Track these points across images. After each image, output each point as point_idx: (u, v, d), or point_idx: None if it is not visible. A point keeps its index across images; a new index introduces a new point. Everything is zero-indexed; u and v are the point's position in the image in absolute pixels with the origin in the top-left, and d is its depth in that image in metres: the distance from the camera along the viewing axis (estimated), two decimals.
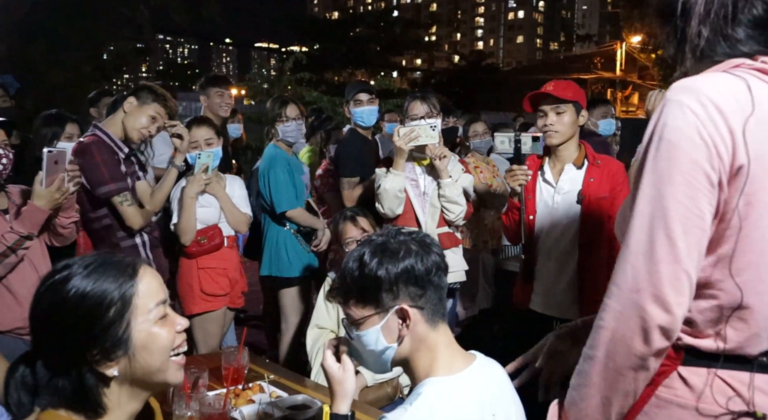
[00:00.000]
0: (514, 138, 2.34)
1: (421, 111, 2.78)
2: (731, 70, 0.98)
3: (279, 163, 3.08)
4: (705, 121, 0.92)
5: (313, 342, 2.47)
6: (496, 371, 1.34)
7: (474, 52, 58.76)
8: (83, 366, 1.00)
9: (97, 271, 1.02)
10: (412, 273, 1.24)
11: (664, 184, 0.93)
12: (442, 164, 2.70)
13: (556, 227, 2.38)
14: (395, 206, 2.71)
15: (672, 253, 0.92)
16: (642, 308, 0.93)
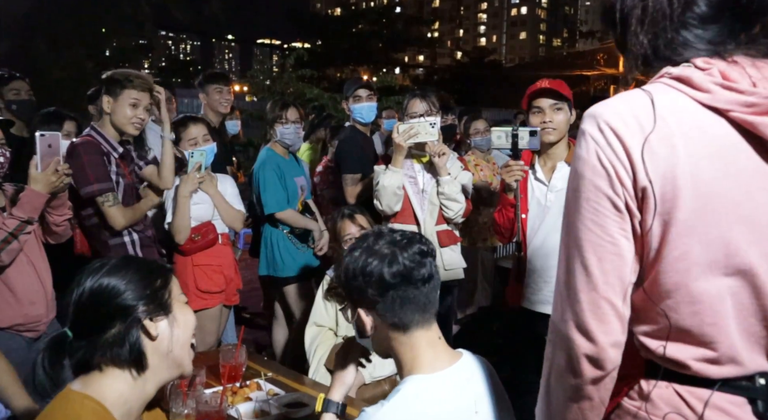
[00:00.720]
0: (511, 133, 2.31)
1: (420, 109, 2.78)
2: (651, 82, 0.96)
3: (269, 165, 3.09)
4: (604, 146, 0.91)
5: (311, 340, 2.47)
6: (482, 369, 1.34)
7: (476, 48, 58.67)
8: (134, 320, 1.13)
9: (138, 259, 1.23)
10: (372, 278, 1.25)
11: (573, 214, 0.95)
12: (441, 162, 2.70)
13: (550, 225, 2.37)
14: (393, 203, 2.72)
15: (589, 282, 0.92)
16: (568, 337, 0.94)
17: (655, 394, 0.95)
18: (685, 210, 0.89)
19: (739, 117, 0.88)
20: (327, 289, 2.53)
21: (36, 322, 2.22)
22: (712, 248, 0.89)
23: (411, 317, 1.27)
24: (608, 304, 0.92)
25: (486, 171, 3.94)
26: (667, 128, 0.89)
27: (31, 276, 2.22)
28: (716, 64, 0.92)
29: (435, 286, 1.29)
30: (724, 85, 0.89)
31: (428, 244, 1.31)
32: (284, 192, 3.08)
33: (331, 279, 2.54)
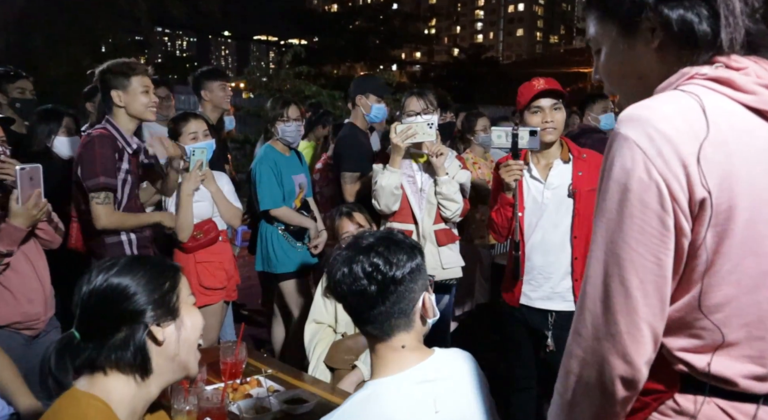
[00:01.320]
0: (512, 132, 2.31)
1: (417, 107, 2.78)
2: (684, 83, 0.89)
3: (265, 162, 3.09)
4: (654, 157, 0.83)
5: (310, 337, 2.49)
6: (454, 366, 1.33)
7: (473, 45, 58.62)
8: (141, 325, 1.12)
9: (145, 258, 1.21)
10: (331, 279, 1.29)
11: (615, 231, 0.87)
12: (439, 162, 2.70)
13: (548, 222, 2.38)
14: (391, 203, 2.72)
15: (629, 304, 0.87)
16: (603, 358, 0.89)
17: (699, 411, 0.91)
18: (741, 220, 0.85)
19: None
20: (326, 286, 2.54)
21: (35, 320, 2.23)
22: (765, 259, 0.87)
23: (365, 329, 1.29)
24: (647, 326, 0.87)
25: (484, 169, 3.94)
26: (721, 134, 0.84)
27: (30, 274, 2.22)
28: (750, 65, 0.89)
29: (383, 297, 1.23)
30: None
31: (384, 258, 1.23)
32: (280, 189, 3.08)
33: None
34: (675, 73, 0.92)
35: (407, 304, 1.25)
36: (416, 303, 1.27)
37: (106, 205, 2.46)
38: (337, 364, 2.38)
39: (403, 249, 1.26)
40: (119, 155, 2.54)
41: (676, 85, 0.90)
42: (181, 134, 2.80)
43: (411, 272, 1.24)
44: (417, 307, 1.28)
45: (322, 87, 10.84)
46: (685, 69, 0.90)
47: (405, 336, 1.27)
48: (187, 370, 1.21)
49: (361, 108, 3.31)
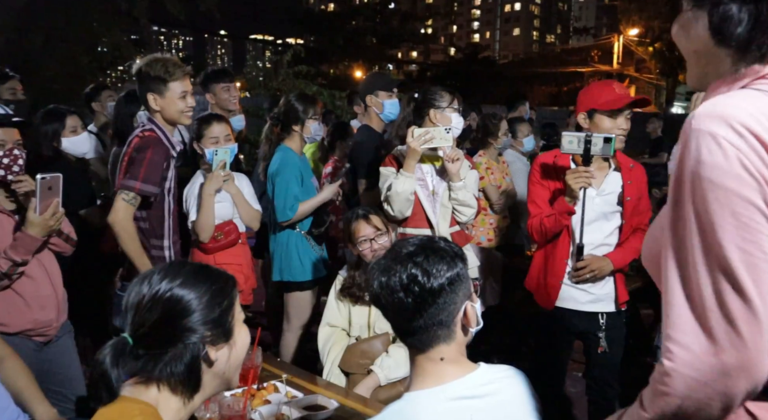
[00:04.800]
0: (585, 138, 2.25)
1: (448, 101, 2.74)
2: (755, 83, 0.88)
3: (290, 169, 2.96)
4: (748, 152, 0.81)
5: (324, 340, 2.46)
6: (500, 385, 1.25)
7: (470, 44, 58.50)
8: (198, 344, 1.11)
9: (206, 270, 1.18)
10: (370, 289, 1.27)
11: (717, 232, 0.82)
12: (454, 168, 2.65)
13: (596, 228, 2.41)
14: (405, 209, 2.68)
15: (748, 309, 0.81)
16: (728, 376, 0.82)
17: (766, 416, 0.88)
18: None
19: None
20: (340, 290, 2.52)
21: (46, 326, 2.20)
22: None
23: (406, 340, 1.26)
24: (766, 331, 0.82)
25: (496, 174, 3.92)
26: None
27: (43, 279, 2.19)
28: None
29: (421, 309, 1.19)
30: None
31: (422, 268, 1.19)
32: (296, 195, 2.98)
33: (344, 279, 2.53)
34: (727, 64, 0.90)
35: (447, 316, 1.21)
36: (458, 313, 1.23)
37: (130, 205, 2.42)
38: (352, 369, 2.35)
39: (443, 258, 1.21)
40: (167, 163, 2.50)
41: (748, 84, 0.88)
42: (203, 137, 2.76)
43: (451, 283, 1.20)
44: (458, 317, 1.24)
45: (321, 87, 10.80)
46: (757, 67, 0.89)
47: (444, 348, 1.23)
48: (230, 384, 1.20)
49: (373, 108, 3.27)
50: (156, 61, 2.47)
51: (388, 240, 2.42)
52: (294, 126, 3.04)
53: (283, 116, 3.07)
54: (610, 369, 2.52)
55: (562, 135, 2.32)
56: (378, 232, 2.40)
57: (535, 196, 2.51)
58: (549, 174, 2.49)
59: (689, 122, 0.87)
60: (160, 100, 2.47)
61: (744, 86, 0.89)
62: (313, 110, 3.05)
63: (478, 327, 1.27)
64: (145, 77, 2.46)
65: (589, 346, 2.52)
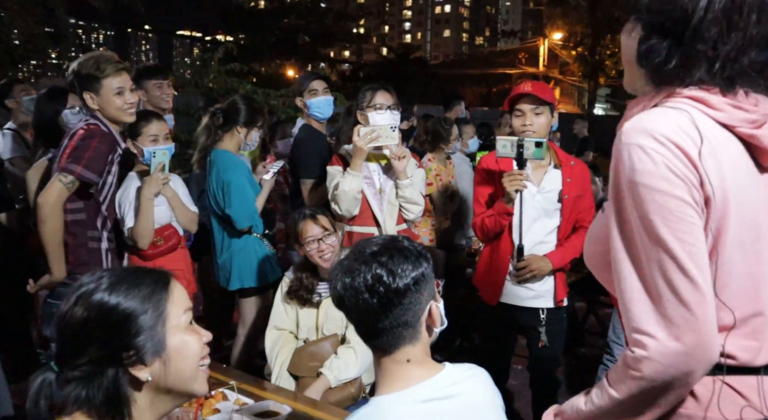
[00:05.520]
0: (517, 143, 2.31)
1: (388, 100, 2.71)
2: (666, 101, 0.99)
3: (241, 172, 2.85)
4: (671, 158, 0.92)
5: (272, 344, 2.40)
6: (466, 384, 1.24)
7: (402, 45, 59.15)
8: (118, 367, 1.00)
9: (131, 278, 1.04)
10: (333, 291, 1.23)
11: (658, 228, 0.92)
12: (401, 165, 2.65)
13: (538, 225, 2.47)
14: (353, 207, 2.66)
15: (698, 293, 0.91)
16: (689, 356, 0.91)
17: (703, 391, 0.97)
18: (732, 219, 0.95)
19: (744, 132, 0.98)
20: (286, 292, 2.47)
21: None
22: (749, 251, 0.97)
23: (371, 343, 1.23)
24: (714, 308, 0.93)
25: (444, 178, 3.95)
26: (710, 143, 0.94)
27: None
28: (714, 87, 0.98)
29: (387, 310, 1.16)
30: (733, 105, 0.98)
31: (386, 268, 1.17)
32: (254, 199, 2.89)
33: (290, 281, 2.48)
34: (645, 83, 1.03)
35: (413, 316, 1.20)
36: (423, 314, 1.22)
37: (66, 189, 2.26)
38: (301, 372, 2.31)
39: (407, 258, 1.19)
40: (112, 157, 2.36)
41: (660, 102, 1.00)
42: (140, 135, 2.60)
43: (416, 283, 1.18)
44: (423, 317, 1.22)
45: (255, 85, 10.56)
46: (668, 88, 1.00)
47: (410, 349, 1.21)
48: (191, 395, 1.10)
49: (304, 110, 3.27)
50: (88, 58, 2.36)
51: (336, 240, 2.39)
52: (238, 127, 2.94)
53: (227, 113, 2.96)
54: (551, 362, 2.60)
55: (496, 140, 2.38)
56: (325, 232, 2.36)
57: (479, 196, 2.56)
58: (491, 174, 2.54)
59: (619, 138, 0.98)
60: (96, 98, 2.35)
61: (656, 104, 1.00)
62: (260, 119, 2.98)
63: (442, 327, 1.26)
64: (78, 76, 2.34)
65: (530, 340, 2.59)
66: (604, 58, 27.24)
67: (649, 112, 0.99)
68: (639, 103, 1.04)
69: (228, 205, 2.83)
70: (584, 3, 27.19)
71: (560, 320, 2.56)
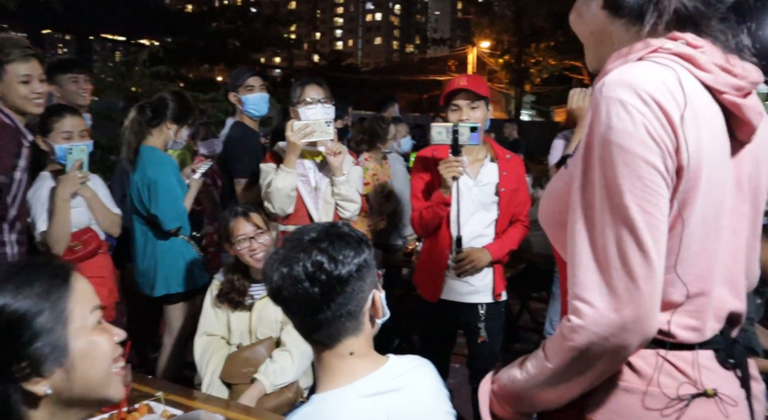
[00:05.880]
0: (452, 128, 2.29)
1: (318, 94, 2.62)
2: (651, 56, 0.92)
3: (169, 170, 2.70)
4: (652, 120, 0.85)
5: (202, 351, 2.27)
6: (411, 376, 1.19)
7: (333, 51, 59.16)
8: (7, 384, 0.83)
9: (20, 274, 0.87)
10: (269, 283, 1.14)
11: (624, 195, 0.85)
12: (337, 161, 2.58)
13: (476, 219, 2.45)
14: (287, 205, 2.56)
15: (648, 267, 0.86)
16: (625, 330, 0.87)
17: (644, 365, 0.95)
18: (701, 190, 0.89)
19: (729, 99, 0.92)
20: (216, 295, 2.34)
21: None
22: (711, 227, 0.92)
23: (311, 337, 1.16)
24: (662, 285, 0.88)
25: (381, 177, 3.91)
26: (693, 107, 0.88)
27: None
28: (705, 44, 0.93)
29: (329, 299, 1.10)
30: (722, 67, 0.91)
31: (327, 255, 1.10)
32: (182, 202, 2.75)
33: (220, 283, 2.36)
34: (623, 40, 0.96)
35: (356, 306, 1.13)
36: (365, 303, 1.16)
37: None
38: (234, 379, 2.20)
39: (349, 243, 1.13)
40: (18, 151, 2.17)
41: (643, 55, 0.92)
42: (51, 131, 2.39)
43: (359, 269, 1.12)
44: (366, 307, 1.16)
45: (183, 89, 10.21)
46: (651, 40, 0.93)
47: (353, 341, 1.15)
48: (104, 401, 0.97)
49: (237, 106, 3.14)
50: None
51: (269, 239, 2.30)
52: (168, 122, 2.79)
53: (156, 107, 2.80)
54: (490, 357, 2.60)
55: (431, 126, 2.36)
56: (258, 231, 2.26)
57: (416, 190, 2.53)
58: (428, 167, 2.52)
59: (599, 90, 0.90)
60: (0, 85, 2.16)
61: (640, 58, 0.92)
62: (191, 116, 2.84)
63: (384, 317, 1.21)
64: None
65: (470, 337, 2.58)
66: (529, 67, 28.23)
67: (633, 64, 0.91)
68: (620, 55, 0.95)
69: (154, 204, 2.67)
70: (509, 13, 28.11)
71: (499, 315, 2.57)
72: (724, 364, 0.96)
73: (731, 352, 0.97)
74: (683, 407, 0.91)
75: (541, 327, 3.87)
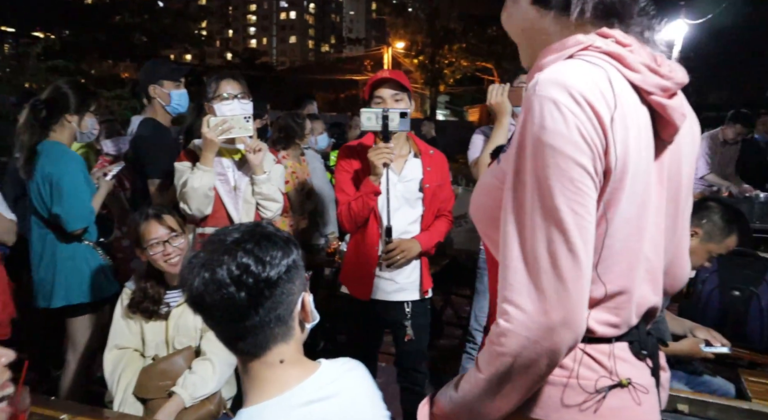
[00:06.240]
0: (382, 114, 2.24)
1: (235, 90, 2.49)
2: (582, 54, 0.92)
3: (75, 167, 2.49)
4: (584, 121, 0.85)
5: (113, 366, 2.10)
6: (344, 380, 1.15)
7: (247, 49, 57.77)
8: None
9: None
10: (188, 290, 1.05)
11: (555, 197, 0.85)
12: (257, 159, 2.46)
13: (401, 215, 2.41)
14: (204, 206, 2.42)
15: (578, 269, 0.85)
16: (554, 332, 0.86)
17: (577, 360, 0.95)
18: (625, 192, 0.89)
19: (656, 100, 0.92)
20: (128, 305, 2.17)
21: None
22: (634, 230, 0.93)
23: (236, 347, 1.07)
24: (589, 287, 0.88)
25: (300, 175, 3.81)
26: (623, 108, 0.88)
27: None
28: (633, 43, 0.93)
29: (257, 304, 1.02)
30: (650, 68, 0.92)
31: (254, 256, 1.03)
32: (90, 198, 2.53)
33: (132, 292, 2.18)
34: (554, 34, 0.96)
35: (285, 310, 1.06)
36: (295, 306, 1.08)
37: None
38: (150, 394, 2.04)
39: (276, 243, 1.05)
40: None
41: (574, 54, 0.92)
42: None
43: (288, 271, 1.04)
44: (296, 311, 1.09)
45: None
46: (580, 37, 0.93)
47: (284, 348, 1.07)
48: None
49: (158, 100, 2.91)
50: None
51: (185, 242, 2.16)
52: (68, 116, 2.56)
53: (51, 103, 2.54)
54: (418, 355, 2.58)
55: (360, 112, 2.31)
56: (172, 233, 2.11)
57: (342, 184, 2.45)
58: (355, 156, 2.47)
59: (533, 87, 0.88)
60: None
61: (571, 56, 0.92)
62: (93, 103, 2.61)
63: (314, 322, 1.14)
64: None
65: (397, 335, 2.55)
66: (443, 67, 28.90)
67: (566, 63, 0.91)
68: (552, 51, 0.95)
69: (57, 202, 2.44)
70: (423, 15, 28.65)
71: (425, 312, 2.56)
72: (638, 355, 0.98)
73: (645, 344, 0.99)
74: (601, 399, 0.93)
75: (465, 322, 3.92)
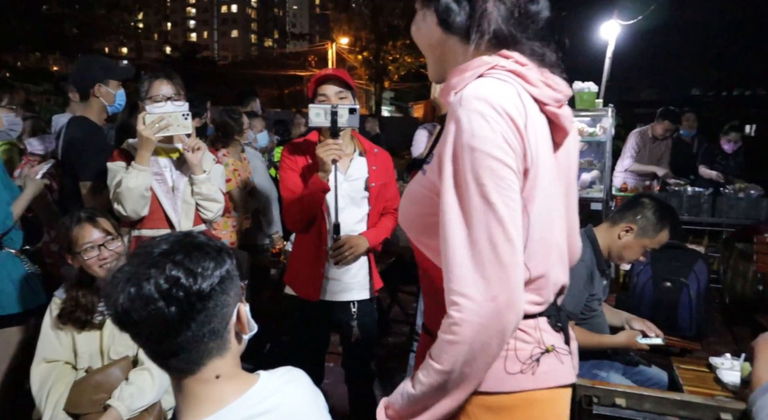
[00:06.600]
0: (330, 110, 2.21)
1: (168, 91, 2.38)
2: (491, 73, 1.04)
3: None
4: (506, 129, 0.98)
5: (42, 380, 1.97)
6: (285, 391, 1.11)
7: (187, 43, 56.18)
8: None
9: None
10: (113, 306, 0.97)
11: (490, 193, 0.96)
12: (195, 158, 2.37)
13: (347, 214, 2.38)
14: (140, 207, 2.31)
15: (515, 255, 0.98)
16: (501, 315, 0.96)
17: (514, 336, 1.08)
18: (540, 190, 1.04)
19: (551, 110, 1.08)
20: (58, 315, 2.04)
21: None
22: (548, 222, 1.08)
23: (167, 364, 1.02)
24: (525, 271, 1.02)
25: (242, 173, 3.71)
26: (531, 118, 1.02)
27: None
28: (529, 62, 1.06)
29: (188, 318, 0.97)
30: (545, 83, 1.07)
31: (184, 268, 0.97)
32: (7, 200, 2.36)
33: (62, 301, 2.06)
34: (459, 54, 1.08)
35: (220, 322, 1.00)
36: (231, 318, 1.03)
37: None
38: (83, 408, 1.93)
39: (208, 253, 0.99)
40: None
41: (484, 72, 1.04)
42: None
43: (221, 282, 0.99)
44: (231, 323, 1.04)
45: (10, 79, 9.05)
46: (486, 58, 1.05)
47: (219, 362, 1.02)
48: None
49: (102, 99, 2.78)
50: None
51: (121, 245, 2.05)
52: None
53: None
54: (365, 355, 2.56)
55: (309, 108, 2.27)
56: (108, 237, 2.00)
57: (288, 183, 2.39)
58: (301, 153, 2.42)
59: (458, 102, 1.00)
60: None
61: (482, 75, 1.04)
62: (8, 98, 2.43)
63: (251, 332, 1.09)
64: None
65: (343, 335, 2.52)
66: (388, 64, 28.95)
67: (482, 81, 1.03)
68: (460, 71, 1.07)
69: None
70: (367, 11, 28.59)
71: (371, 312, 2.54)
72: (555, 326, 1.15)
73: (559, 317, 1.17)
74: (535, 364, 1.09)
75: (412, 320, 3.93)
